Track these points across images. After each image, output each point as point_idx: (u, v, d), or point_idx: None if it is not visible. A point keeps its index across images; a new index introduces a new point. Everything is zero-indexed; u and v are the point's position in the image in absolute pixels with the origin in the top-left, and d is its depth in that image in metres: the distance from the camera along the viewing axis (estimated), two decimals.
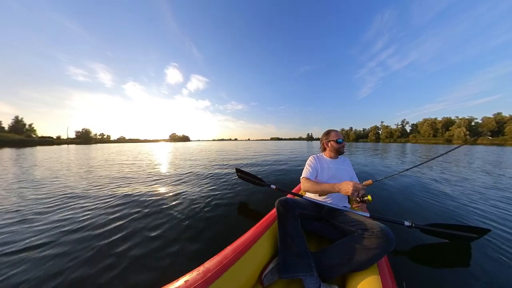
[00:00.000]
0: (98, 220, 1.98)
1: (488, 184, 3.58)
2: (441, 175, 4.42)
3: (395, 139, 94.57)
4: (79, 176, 4.53)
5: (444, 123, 77.38)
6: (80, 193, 3.03)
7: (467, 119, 71.63)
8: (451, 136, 69.50)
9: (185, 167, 5.89)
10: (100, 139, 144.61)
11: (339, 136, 1.52)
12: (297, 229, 1.08)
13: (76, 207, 2.39)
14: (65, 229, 1.78)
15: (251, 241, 1.03)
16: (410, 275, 1.19)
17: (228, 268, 0.84)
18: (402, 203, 2.49)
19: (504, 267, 1.26)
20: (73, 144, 67.22)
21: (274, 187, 1.79)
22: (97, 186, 3.46)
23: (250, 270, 0.94)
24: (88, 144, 66.73)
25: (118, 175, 4.62)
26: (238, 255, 0.91)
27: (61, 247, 1.49)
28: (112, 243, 1.54)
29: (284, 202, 1.16)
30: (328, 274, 0.97)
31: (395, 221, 1.25)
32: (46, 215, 2.13)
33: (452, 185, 3.45)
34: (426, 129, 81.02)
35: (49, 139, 72.33)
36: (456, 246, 1.45)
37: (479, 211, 2.21)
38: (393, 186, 3.26)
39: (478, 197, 2.74)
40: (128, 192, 3.01)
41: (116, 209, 2.28)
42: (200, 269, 0.81)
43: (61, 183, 3.78)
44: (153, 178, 4.13)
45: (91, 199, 2.68)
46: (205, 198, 2.66)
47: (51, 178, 4.30)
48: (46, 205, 2.49)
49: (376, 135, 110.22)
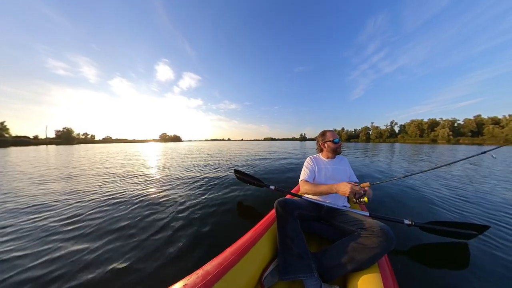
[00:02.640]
0: (93, 221, 1.89)
1: (483, 182, 3.72)
2: (437, 174, 4.57)
3: (384, 139, 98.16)
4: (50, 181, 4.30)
5: (429, 124, 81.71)
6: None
7: (450, 120, 76.60)
8: (436, 136, 73.83)
9: (179, 168, 5.77)
10: (83, 139, 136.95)
11: (335, 136, 1.53)
12: (297, 230, 1.08)
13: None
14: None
15: (250, 242, 1.01)
16: (410, 273, 1.20)
17: (228, 270, 0.82)
18: (401, 201, 2.52)
19: (503, 263, 1.28)
20: (53, 144, 62.90)
21: (273, 188, 1.78)
22: (90, 185, 3.30)
23: (250, 272, 0.93)
24: (70, 144, 62.96)
25: (105, 171, 4.43)
26: (237, 257, 0.89)
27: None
28: (106, 246, 1.49)
29: (283, 203, 1.15)
30: (329, 274, 0.96)
31: (394, 220, 1.26)
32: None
33: (450, 183, 3.56)
34: (413, 129, 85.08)
35: (25, 139, 67.16)
36: (456, 243, 1.47)
37: (477, 208, 2.26)
38: (391, 185, 3.32)
39: (475, 194, 2.82)
40: (119, 194, 2.90)
41: (109, 212, 2.19)
42: (199, 272, 0.79)
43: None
44: (146, 180, 4.01)
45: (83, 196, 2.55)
46: (203, 200, 2.60)
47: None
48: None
49: (366, 135, 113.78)
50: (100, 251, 1.44)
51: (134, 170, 5.25)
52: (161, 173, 4.77)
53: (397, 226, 1.34)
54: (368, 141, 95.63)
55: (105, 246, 1.50)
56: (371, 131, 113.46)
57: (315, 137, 1.67)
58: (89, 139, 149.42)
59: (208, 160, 7.71)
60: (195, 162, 7.05)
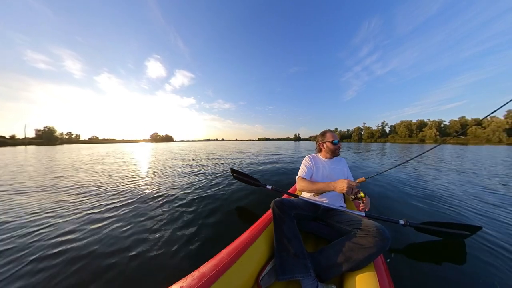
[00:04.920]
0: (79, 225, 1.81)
1: (471, 181, 3.87)
2: (428, 172, 4.75)
3: (375, 139, 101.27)
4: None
5: (418, 125, 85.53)
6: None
7: (437, 121, 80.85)
8: (424, 136, 77.82)
9: (172, 168, 5.67)
10: (67, 139, 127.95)
11: (335, 137, 1.51)
12: (294, 230, 1.07)
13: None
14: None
15: (247, 243, 1.00)
16: (405, 272, 1.22)
17: (224, 272, 0.81)
18: (395, 202, 2.56)
19: (495, 262, 1.32)
20: (33, 145, 59.03)
21: (270, 188, 1.76)
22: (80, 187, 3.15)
23: (247, 273, 0.92)
24: (52, 145, 59.44)
25: (96, 169, 4.27)
26: (234, 258, 0.88)
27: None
28: (100, 250, 1.42)
29: (280, 203, 1.15)
30: (326, 274, 0.97)
31: (390, 220, 1.28)
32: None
33: (442, 183, 3.64)
34: (403, 130, 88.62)
35: (0, 139, 62.69)
36: (450, 243, 1.49)
37: (470, 209, 2.32)
38: (386, 185, 3.39)
39: (466, 194, 2.90)
40: (112, 197, 2.80)
41: (102, 216, 2.10)
42: (194, 275, 0.78)
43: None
44: (137, 180, 3.91)
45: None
46: (198, 200, 2.55)
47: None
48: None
49: (358, 135, 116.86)
50: (95, 255, 1.38)
51: (120, 170, 5.09)
52: (152, 174, 4.66)
53: (392, 226, 1.36)
54: (360, 141, 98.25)
55: (101, 250, 1.44)
56: (363, 131, 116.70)
57: (309, 137, 1.67)
58: (74, 139, 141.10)
59: (203, 160, 7.62)
60: (188, 162, 6.95)
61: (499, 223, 1.92)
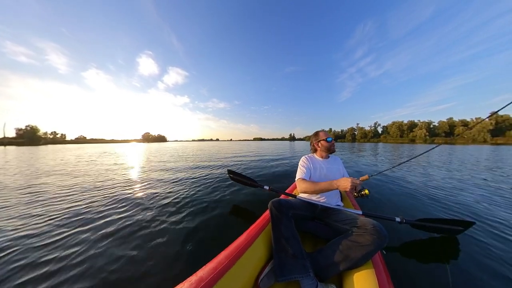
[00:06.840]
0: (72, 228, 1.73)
1: (464, 178, 4.02)
2: (425, 172, 4.86)
3: (368, 139, 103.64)
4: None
5: (409, 125, 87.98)
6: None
7: (427, 122, 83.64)
8: (414, 137, 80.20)
9: (167, 170, 5.57)
10: (51, 139, 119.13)
11: (327, 135, 1.56)
12: (291, 230, 1.07)
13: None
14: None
15: (245, 245, 0.99)
16: (402, 268, 1.25)
17: (222, 275, 0.79)
18: (392, 200, 2.63)
19: (487, 256, 1.38)
20: (13, 145, 54.44)
21: (267, 188, 1.76)
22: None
23: (245, 275, 0.90)
24: (34, 145, 55.42)
25: (89, 172, 4.12)
26: (232, 261, 0.87)
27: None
28: (96, 254, 1.37)
29: (277, 204, 1.14)
30: (325, 273, 0.97)
31: (386, 218, 1.30)
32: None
33: (437, 181, 3.77)
34: (395, 130, 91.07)
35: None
36: (445, 238, 1.55)
37: (463, 205, 2.42)
38: (382, 183, 3.48)
39: (459, 191, 3.02)
40: (106, 199, 2.72)
41: (93, 218, 2.03)
42: (192, 279, 0.76)
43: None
44: (130, 183, 3.81)
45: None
46: (195, 202, 2.50)
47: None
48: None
49: (352, 135, 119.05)
50: (87, 261, 1.33)
51: (120, 171, 4.95)
52: (146, 176, 4.56)
53: (389, 224, 1.39)
54: (354, 141, 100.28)
55: (93, 256, 1.38)
56: (356, 131, 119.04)
57: (304, 137, 1.69)
58: (59, 139, 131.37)
59: (198, 161, 7.53)
60: (183, 164, 6.85)
61: (491, 218, 2.00)
